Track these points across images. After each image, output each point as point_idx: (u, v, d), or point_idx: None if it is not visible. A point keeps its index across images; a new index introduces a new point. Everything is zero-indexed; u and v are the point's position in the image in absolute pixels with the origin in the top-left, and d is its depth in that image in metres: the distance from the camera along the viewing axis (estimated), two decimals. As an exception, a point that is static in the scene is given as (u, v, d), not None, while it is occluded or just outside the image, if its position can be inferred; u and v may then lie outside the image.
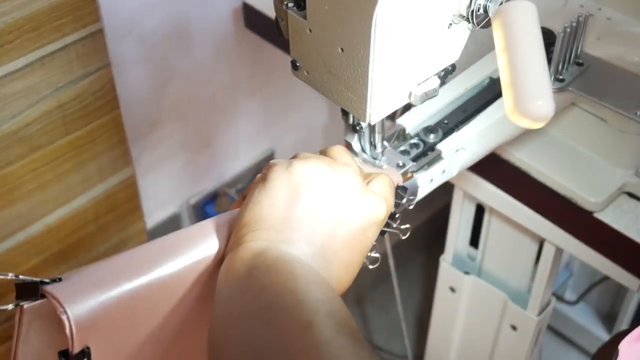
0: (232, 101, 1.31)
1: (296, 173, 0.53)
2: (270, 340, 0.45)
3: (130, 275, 0.50)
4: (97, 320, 0.48)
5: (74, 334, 0.47)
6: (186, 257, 0.52)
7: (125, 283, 0.49)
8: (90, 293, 0.48)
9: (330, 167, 0.53)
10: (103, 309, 0.48)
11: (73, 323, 0.46)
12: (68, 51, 0.92)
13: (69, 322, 0.46)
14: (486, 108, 0.74)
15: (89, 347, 0.48)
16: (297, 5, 0.58)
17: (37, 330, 0.50)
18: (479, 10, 0.55)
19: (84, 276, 0.49)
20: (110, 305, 0.48)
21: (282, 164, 0.54)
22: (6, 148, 0.92)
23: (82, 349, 0.47)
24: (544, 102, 0.49)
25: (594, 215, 0.81)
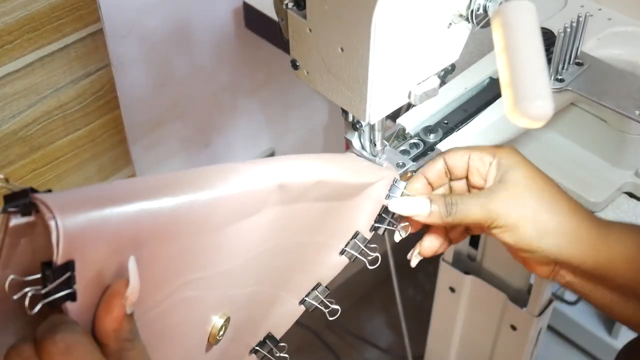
0: (232, 101, 1.31)
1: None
2: None
3: (132, 199, 0.47)
4: (86, 236, 0.45)
5: (60, 242, 0.43)
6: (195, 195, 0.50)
7: (123, 206, 0.47)
8: (84, 207, 0.45)
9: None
10: (94, 226, 0.45)
11: (61, 231, 0.43)
12: (68, 51, 0.92)
13: (57, 230, 0.43)
14: (486, 108, 0.74)
15: (73, 260, 0.45)
16: (297, 5, 0.58)
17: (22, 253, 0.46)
18: (479, 10, 0.55)
19: (80, 191, 0.46)
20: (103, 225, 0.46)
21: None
22: (6, 148, 0.92)
23: (67, 262, 0.44)
24: (543, 101, 0.49)
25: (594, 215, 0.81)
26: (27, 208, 0.45)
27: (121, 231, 0.47)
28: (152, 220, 0.48)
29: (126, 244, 0.48)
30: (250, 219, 0.55)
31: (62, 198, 0.45)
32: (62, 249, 0.44)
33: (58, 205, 0.44)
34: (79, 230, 0.44)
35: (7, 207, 0.44)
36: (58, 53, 0.91)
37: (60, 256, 0.44)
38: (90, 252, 0.46)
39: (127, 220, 0.47)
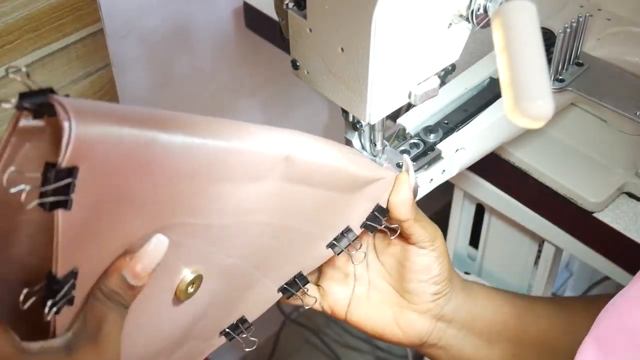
0: (232, 101, 1.31)
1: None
2: None
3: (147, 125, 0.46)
4: (97, 147, 0.43)
5: (70, 145, 0.41)
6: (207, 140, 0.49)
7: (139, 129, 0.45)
8: (102, 119, 0.43)
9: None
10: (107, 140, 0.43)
11: (73, 133, 0.41)
12: (68, 51, 0.92)
13: (69, 132, 0.41)
14: (487, 108, 0.74)
15: (77, 167, 0.43)
16: (297, 5, 0.58)
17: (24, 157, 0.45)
18: (479, 10, 0.55)
19: (99, 104, 0.44)
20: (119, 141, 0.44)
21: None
22: (6, 148, 0.92)
23: (71, 167, 0.42)
24: (543, 101, 0.49)
25: (594, 215, 0.81)
26: (41, 109, 0.43)
27: (133, 154, 0.45)
28: (161, 151, 0.47)
29: (133, 169, 0.46)
30: (251, 185, 0.54)
31: (82, 105, 0.43)
32: (69, 153, 0.42)
33: (76, 109, 0.42)
34: (90, 139, 0.42)
35: (23, 102, 0.43)
36: (58, 53, 0.91)
37: (66, 159, 0.42)
38: (96, 165, 0.44)
39: (140, 144, 0.46)
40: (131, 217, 0.49)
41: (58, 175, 0.42)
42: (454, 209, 1.05)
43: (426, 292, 0.67)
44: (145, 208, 0.49)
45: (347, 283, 0.69)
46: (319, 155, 0.58)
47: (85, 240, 0.46)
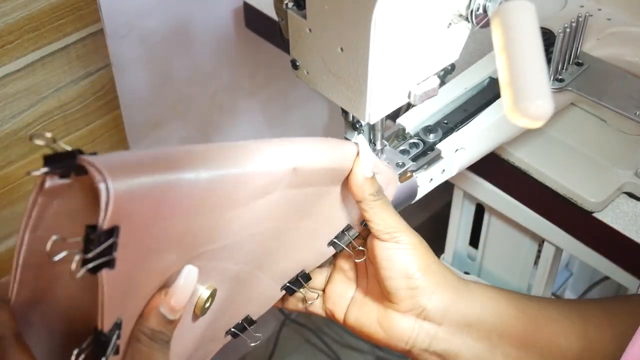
0: (232, 101, 1.31)
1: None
2: None
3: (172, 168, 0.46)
4: (134, 202, 0.43)
5: (109, 206, 0.41)
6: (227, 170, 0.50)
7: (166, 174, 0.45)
8: (133, 172, 0.43)
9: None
10: (143, 191, 0.43)
11: (111, 194, 0.41)
12: (69, 51, 0.92)
13: (107, 193, 0.41)
14: (486, 108, 0.74)
15: (119, 226, 0.42)
16: (297, 5, 0.58)
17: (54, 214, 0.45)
18: (479, 10, 0.55)
19: (125, 155, 0.44)
20: (152, 191, 0.44)
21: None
22: (6, 148, 0.92)
23: (112, 227, 0.42)
24: (543, 101, 0.49)
25: (594, 215, 0.81)
26: (69, 170, 0.43)
27: (164, 199, 0.46)
28: (188, 190, 0.47)
29: (166, 213, 0.47)
30: (261, 200, 0.55)
31: (112, 161, 0.43)
32: (110, 214, 0.42)
33: (108, 168, 0.42)
34: (127, 196, 0.42)
35: (52, 168, 0.42)
36: (58, 53, 0.91)
37: (107, 221, 0.42)
38: (134, 219, 0.44)
39: (170, 188, 0.46)
40: (166, 257, 0.49)
41: (101, 238, 0.42)
42: (454, 209, 1.05)
43: (399, 287, 0.64)
44: (177, 245, 0.50)
45: (349, 286, 0.69)
46: (323, 160, 0.59)
47: (127, 291, 0.47)
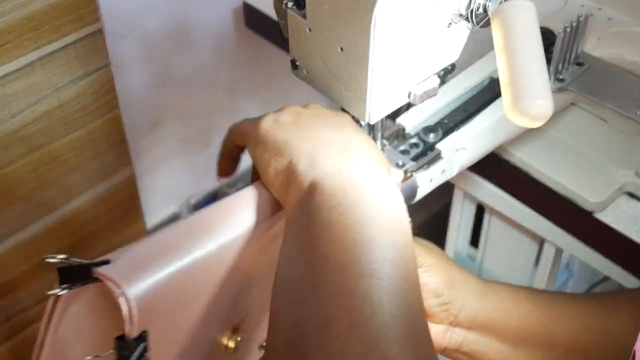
0: (232, 101, 1.31)
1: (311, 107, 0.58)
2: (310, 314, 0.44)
3: (178, 253, 0.48)
4: (152, 302, 0.45)
5: (133, 316, 0.44)
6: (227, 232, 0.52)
7: (174, 262, 0.47)
8: (142, 274, 0.45)
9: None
10: (156, 290, 0.45)
11: (133, 305, 0.44)
12: (68, 51, 0.92)
13: (128, 304, 0.43)
14: (486, 107, 0.74)
15: (146, 331, 0.45)
16: (297, 5, 0.58)
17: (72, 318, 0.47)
18: (479, 10, 0.55)
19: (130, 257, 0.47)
20: (162, 286, 0.46)
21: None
22: (6, 148, 0.92)
23: (140, 333, 0.45)
24: (543, 101, 0.49)
25: (594, 215, 0.81)
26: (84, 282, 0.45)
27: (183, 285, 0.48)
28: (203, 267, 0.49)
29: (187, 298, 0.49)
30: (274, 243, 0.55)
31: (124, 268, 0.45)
32: (135, 323, 0.44)
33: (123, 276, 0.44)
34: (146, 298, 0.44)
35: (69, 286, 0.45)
36: (58, 53, 0.91)
37: (134, 329, 0.44)
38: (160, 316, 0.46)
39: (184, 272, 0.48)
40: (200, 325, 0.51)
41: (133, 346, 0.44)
42: (454, 209, 1.05)
43: (430, 305, 0.65)
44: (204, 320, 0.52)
45: None
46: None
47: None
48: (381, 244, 0.47)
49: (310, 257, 0.47)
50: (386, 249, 0.47)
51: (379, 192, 0.51)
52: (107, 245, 1.11)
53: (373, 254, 0.46)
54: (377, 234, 0.47)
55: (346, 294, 0.44)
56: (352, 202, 0.49)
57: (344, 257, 0.45)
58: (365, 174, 0.52)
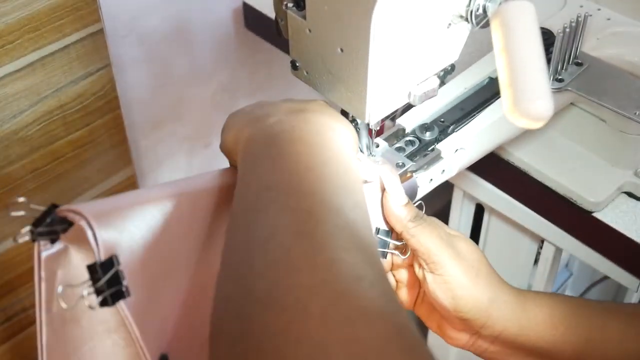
0: (232, 101, 1.31)
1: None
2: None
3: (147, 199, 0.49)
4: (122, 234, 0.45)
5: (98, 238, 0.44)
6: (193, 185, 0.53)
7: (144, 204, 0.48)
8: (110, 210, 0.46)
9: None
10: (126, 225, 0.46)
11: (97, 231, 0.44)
12: (68, 51, 0.92)
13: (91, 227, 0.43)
14: (483, 106, 0.74)
15: (116, 254, 0.45)
16: (297, 5, 0.58)
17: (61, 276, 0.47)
18: (478, 10, 0.55)
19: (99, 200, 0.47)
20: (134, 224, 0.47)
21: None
22: (6, 148, 0.92)
23: (110, 257, 0.44)
24: (543, 101, 0.49)
25: (594, 215, 0.81)
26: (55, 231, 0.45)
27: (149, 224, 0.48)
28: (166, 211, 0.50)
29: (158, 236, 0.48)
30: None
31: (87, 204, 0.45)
32: (101, 245, 0.44)
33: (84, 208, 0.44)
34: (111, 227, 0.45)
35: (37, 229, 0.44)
36: (58, 53, 0.91)
37: (101, 253, 0.44)
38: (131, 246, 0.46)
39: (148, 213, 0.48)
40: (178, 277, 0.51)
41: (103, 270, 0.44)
42: (454, 209, 1.05)
43: (449, 316, 0.61)
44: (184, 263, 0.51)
45: (408, 293, 0.67)
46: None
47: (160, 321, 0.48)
48: (323, 170, 0.48)
49: (255, 187, 0.48)
50: (329, 174, 0.48)
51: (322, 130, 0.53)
52: (107, 245, 1.11)
53: (315, 177, 0.47)
54: (319, 161, 0.49)
55: (290, 209, 0.44)
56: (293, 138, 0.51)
57: (287, 182, 0.47)
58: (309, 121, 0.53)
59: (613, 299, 1.49)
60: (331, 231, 0.43)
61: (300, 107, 0.55)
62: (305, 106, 0.55)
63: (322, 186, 0.47)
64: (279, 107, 0.56)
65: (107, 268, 0.44)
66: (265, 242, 0.43)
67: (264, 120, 0.54)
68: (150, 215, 0.48)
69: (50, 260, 0.46)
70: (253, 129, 0.54)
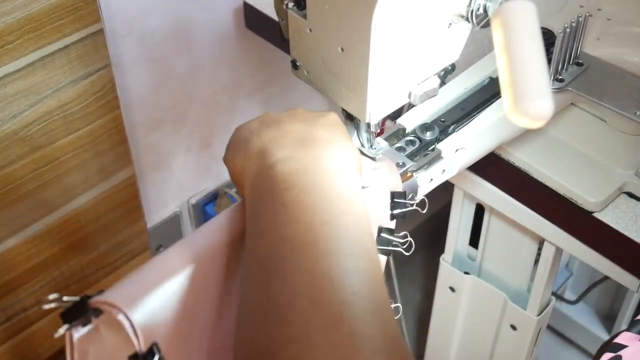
0: (232, 101, 1.31)
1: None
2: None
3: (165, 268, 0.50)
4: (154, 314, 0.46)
5: (137, 330, 0.45)
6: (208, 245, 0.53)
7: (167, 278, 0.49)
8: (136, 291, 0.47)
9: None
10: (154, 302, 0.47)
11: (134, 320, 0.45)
12: (69, 51, 0.92)
13: (129, 321, 0.45)
14: (483, 106, 0.74)
15: (155, 342, 0.46)
16: (298, 5, 0.58)
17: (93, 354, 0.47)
18: (479, 10, 0.55)
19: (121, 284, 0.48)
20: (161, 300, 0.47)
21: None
22: (6, 148, 0.92)
23: (151, 346, 0.45)
24: (543, 101, 0.49)
25: (594, 215, 0.81)
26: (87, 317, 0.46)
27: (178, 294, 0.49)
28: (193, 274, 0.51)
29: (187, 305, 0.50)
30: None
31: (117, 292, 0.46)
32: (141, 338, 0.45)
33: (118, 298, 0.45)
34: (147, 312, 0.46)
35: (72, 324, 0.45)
36: (58, 53, 0.91)
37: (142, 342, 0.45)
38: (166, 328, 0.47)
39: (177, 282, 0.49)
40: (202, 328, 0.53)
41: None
42: (454, 209, 1.05)
43: None
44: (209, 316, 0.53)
45: None
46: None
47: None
48: (337, 224, 0.47)
49: (269, 239, 0.47)
50: (343, 228, 0.47)
51: (333, 175, 0.52)
52: (107, 245, 1.11)
53: (330, 234, 0.46)
54: (332, 214, 0.48)
55: (307, 272, 0.44)
56: (305, 185, 0.49)
57: (302, 237, 0.46)
58: (319, 158, 0.52)
59: (614, 299, 1.50)
60: (348, 300, 0.43)
61: (311, 136, 0.53)
62: (315, 133, 0.53)
63: (338, 246, 0.46)
64: (288, 131, 0.54)
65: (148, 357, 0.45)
66: (283, 311, 0.42)
67: (272, 154, 0.52)
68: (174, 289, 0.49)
69: (82, 341, 0.46)
70: (262, 164, 0.52)
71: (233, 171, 0.56)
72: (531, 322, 1.04)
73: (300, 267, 0.44)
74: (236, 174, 0.55)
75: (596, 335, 1.52)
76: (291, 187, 0.49)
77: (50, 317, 1.09)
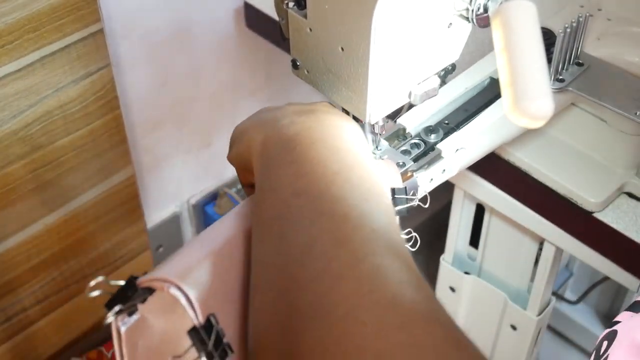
0: (232, 101, 1.31)
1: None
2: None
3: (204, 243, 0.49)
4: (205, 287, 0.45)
5: (194, 303, 0.43)
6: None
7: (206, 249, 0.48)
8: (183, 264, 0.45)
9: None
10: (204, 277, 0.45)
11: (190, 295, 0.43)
12: (69, 51, 0.92)
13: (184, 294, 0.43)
14: (487, 108, 0.74)
15: (212, 314, 0.44)
16: (298, 5, 0.58)
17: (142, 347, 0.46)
18: (479, 10, 0.55)
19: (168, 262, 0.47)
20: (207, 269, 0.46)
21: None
22: (6, 148, 0.92)
23: (208, 317, 0.44)
24: (543, 101, 0.49)
25: (594, 215, 0.81)
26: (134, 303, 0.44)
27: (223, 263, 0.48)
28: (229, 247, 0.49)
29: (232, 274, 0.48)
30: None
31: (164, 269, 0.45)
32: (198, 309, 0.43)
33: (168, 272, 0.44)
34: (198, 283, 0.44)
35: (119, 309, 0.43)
36: (59, 53, 0.91)
37: (200, 315, 0.43)
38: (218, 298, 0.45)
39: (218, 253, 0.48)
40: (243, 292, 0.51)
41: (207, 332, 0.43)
42: (454, 209, 1.05)
43: None
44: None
45: None
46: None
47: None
48: (349, 174, 0.48)
49: (282, 195, 0.47)
50: (355, 177, 0.48)
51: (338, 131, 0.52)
52: (107, 245, 1.11)
53: (343, 181, 0.47)
54: (343, 164, 0.48)
55: (325, 215, 0.44)
56: (312, 141, 0.50)
57: (316, 186, 0.46)
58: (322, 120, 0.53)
59: (614, 299, 1.49)
60: (369, 236, 0.43)
61: (309, 109, 0.54)
62: (312, 107, 0.55)
63: (352, 191, 0.46)
64: (286, 109, 0.55)
65: (208, 330, 0.43)
66: (304, 252, 0.42)
67: (275, 122, 0.53)
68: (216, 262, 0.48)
69: (130, 333, 0.44)
70: (266, 132, 0.53)
71: (239, 153, 0.56)
72: (531, 322, 1.04)
73: (317, 212, 0.44)
74: (243, 152, 0.55)
75: (596, 335, 1.52)
76: (298, 144, 0.49)
77: (50, 317, 1.09)
